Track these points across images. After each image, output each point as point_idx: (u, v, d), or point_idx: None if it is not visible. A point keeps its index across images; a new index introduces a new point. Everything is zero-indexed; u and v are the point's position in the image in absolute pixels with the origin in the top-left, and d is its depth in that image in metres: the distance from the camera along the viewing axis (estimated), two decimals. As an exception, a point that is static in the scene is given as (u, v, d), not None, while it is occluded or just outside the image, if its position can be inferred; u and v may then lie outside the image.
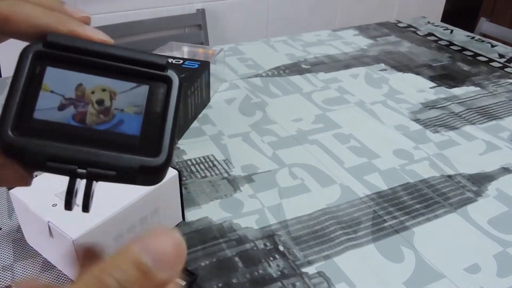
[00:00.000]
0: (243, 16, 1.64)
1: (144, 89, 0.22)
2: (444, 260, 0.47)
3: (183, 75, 0.68)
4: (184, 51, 0.83)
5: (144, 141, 0.21)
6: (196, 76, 0.69)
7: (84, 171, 0.20)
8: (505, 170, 0.62)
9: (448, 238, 0.50)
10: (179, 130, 0.66)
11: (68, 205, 0.21)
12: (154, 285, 0.17)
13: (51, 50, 0.21)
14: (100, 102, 0.21)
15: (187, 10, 1.53)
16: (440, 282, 0.45)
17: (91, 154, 0.20)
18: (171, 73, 0.22)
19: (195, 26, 1.55)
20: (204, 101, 0.75)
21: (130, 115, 0.21)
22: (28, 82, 0.20)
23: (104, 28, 1.34)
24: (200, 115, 0.73)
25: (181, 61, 0.72)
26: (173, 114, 0.22)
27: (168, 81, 0.22)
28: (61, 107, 0.20)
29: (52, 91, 0.20)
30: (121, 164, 0.20)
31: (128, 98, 0.21)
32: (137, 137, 0.21)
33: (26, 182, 0.21)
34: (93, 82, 0.21)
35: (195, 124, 0.70)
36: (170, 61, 0.72)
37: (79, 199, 0.21)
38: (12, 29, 0.21)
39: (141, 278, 0.16)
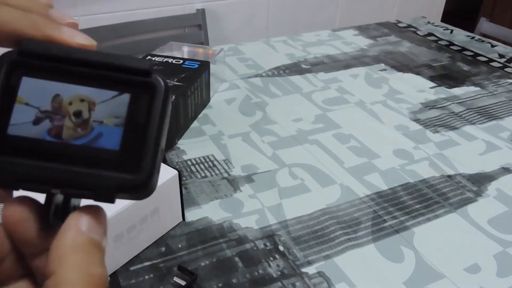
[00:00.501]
0: (243, 16, 1.64)
1: (125, 97, 0.19)
2: (444, 260, 0.47)
3: (183, 75, 0.68)
4: (184, 51, 0.83)
5: (124, 157, 0.19)
6: (196, 76, 0.69)
7: (58, 190, 0.19)
8: (505, 170, 0.62)
9: (448, 238, 0.50)
10: (179, 130, 0.66)
11: (46, 223, 0.20)
12: (104, 250, 0.20)
13: (26, 59, 0.19)
14: (77, 114, 0.19)
15: (187, 10, 1.53)
16: (440, 282, 0.45)
17: (66, 173, 0.19)
18: (155, 79, 0.20)
19: (195, 26, 1.55)
20: (204, 101, 0.75)
21: (109, 127, 0.19)
22: (2, 94, 0.19)
23: (104, 28, 1.34)
24: (200, 115, 0.73)
25: (181, 61, 0.72)
26: (156, 125, 0.19)
27: (152, 88, 0.20)
28: (36, 121, 0.19)
29: (27, 104, 0.19)
30: (97, 183, 0.19)
31: (108, 108, 0.19)
32: (116, 152, 0.19)
33: (4, 199, 0.21)
34: (70, 92, 0.19)
35: (195, 124, 0.70)
36: (170, 61, 0.72)
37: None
38: None
39: (100, 252, 0.19)
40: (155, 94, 0.20)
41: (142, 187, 0.19)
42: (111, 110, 0.19)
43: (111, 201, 0.19)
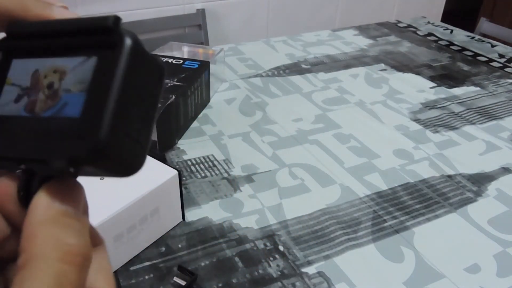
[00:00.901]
0: (243, 16, 1.64)
1: (92, 61, 0.18)
2: (444, 260, 0.47)
3: (183, 75, 0.68)
4: (184, 51, 0.83)
5: (83, 123, 0.17)
6: (196, 76, 0.69)
7: (23, 167, 0.18)
8: (505, 170, 0.62)
9: (448, 238, 0.50)
10: (179, 130, 0.66)
11: (21, 203, 0.19)
12: (84, 222, 0.19)
13: (14, 42, 0.20)
14: (50, 85, 0.18)
15: (187, 10, 1.53)
16: (440, 282, 0.45)
17: (27, 148, 0.18)
18: (119, 35, 0.18)
19: (195, 26, 1.55)
20: (204, 101, 0.75)
21: (74, 94, 0.18)
22: None
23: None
24: (200, 115, 0.73)
25: (181, 61, 0.72)
26: (119, 84, 0.17)
27: (116, 45, 0.18)
28: (17, 99, 0.19)
29: (13, 84, 0.19)
30: (49, 154, 0.17)
31: (76, 75, 0.18)
32: (76, 119, 0.17)
33: None
34: (46, 65, 0.19)
35: (195, 124, 0.70)
36: (170, 61, 0.72)
37: None
38: None
39: (78, 223, 0.18)
40: (119, 51, 0.18)
41: (99, 153, 0.16)
42: (78, 77, 0.18)
43: (68, 173, 0.18)
